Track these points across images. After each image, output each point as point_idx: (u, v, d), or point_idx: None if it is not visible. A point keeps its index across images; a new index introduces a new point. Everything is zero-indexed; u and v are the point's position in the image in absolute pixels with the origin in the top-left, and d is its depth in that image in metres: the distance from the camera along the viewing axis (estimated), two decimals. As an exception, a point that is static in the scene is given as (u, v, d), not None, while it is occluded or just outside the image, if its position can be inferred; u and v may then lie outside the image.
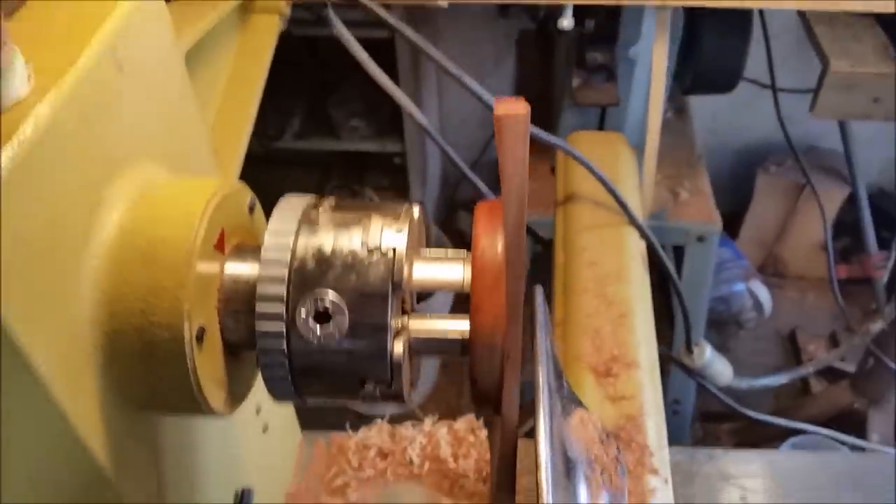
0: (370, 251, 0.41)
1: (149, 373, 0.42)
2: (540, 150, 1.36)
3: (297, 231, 0.42)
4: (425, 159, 1.92)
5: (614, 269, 0.88)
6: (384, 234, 0.41)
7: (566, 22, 0.84)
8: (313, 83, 1.84)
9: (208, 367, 0.43)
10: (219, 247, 0.43)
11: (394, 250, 0.41)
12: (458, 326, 0.43)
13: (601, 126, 1.15)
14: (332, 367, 0.41)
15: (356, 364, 0.41)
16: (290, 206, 0.43)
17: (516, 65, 1.56)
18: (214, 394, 0.44)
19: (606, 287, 0.86)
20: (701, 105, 1.59)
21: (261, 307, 0.41)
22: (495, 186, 0.47)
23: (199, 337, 0.41)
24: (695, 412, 1.72)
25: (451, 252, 0.45)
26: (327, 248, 0.41)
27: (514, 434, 0.39)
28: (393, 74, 1.69)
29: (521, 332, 0.39)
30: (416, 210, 0.45)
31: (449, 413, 0.88)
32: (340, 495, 0.79)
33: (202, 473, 0.57)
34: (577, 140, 1.02)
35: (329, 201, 0.44)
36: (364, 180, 1.97)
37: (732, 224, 2.09)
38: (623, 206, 0.91)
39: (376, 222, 0.42)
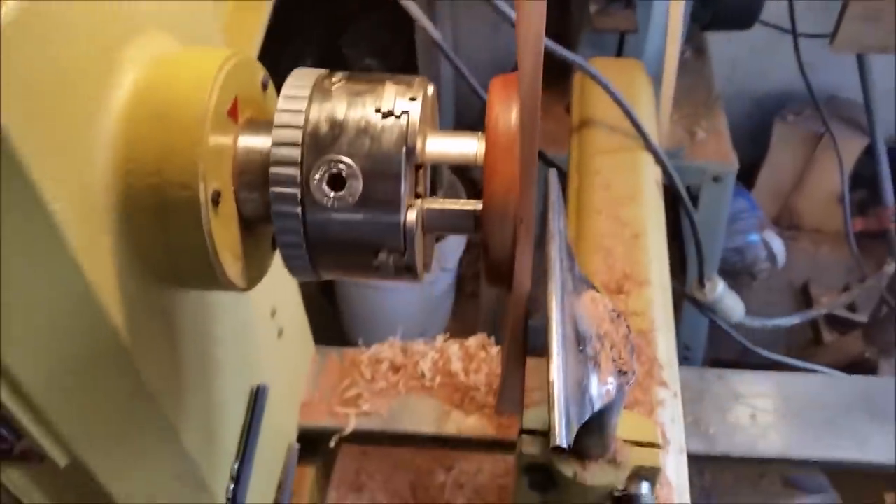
0: (384, 116, 0.40)
1: (164, 237, 0.42)
2: (555, 91, 1.35)
3: (310, 97, 0.42)
4: (440, 100, 1.90)
5: (628, 191, 0.87)
6: (397, 101, 0.41)
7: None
8: (326, 22, 1.83)
9: (224, 234, 0.43)
10: (232, 114, 0.43)
11: (407, 114, 0.40)
12: (472, 204, 0.43)
13: (619, 56, 1.13)
14: (347, 234, 0.41)
15: (370, 231, 0.41)
16: (303, 76, 0.43)
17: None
18: (230, 263, 0.44)
19: (620, 209, 0.86)
20: (720, 51, 1.57)
21: (275, 171, 0.41)
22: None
23: (215, 200, 0.42)
24: (705, 358, 1.72)
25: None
26: (340, 114, 0.41)
27: (525, 302, 0.39)
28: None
29: (534, 198, 0.39)
30: (430, 86, 0.45)
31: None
32: (353, 405, 0.80)
33: (218, 363, 0.58)
34: (595, 65, 1.01)
35: (341, 73, 0.44)
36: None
37: (748, 175, 2.07)
38: (638, 128, 0.90)
39: (389, 90, 0.42)
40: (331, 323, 1.88)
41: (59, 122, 0.37)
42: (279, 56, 1.79)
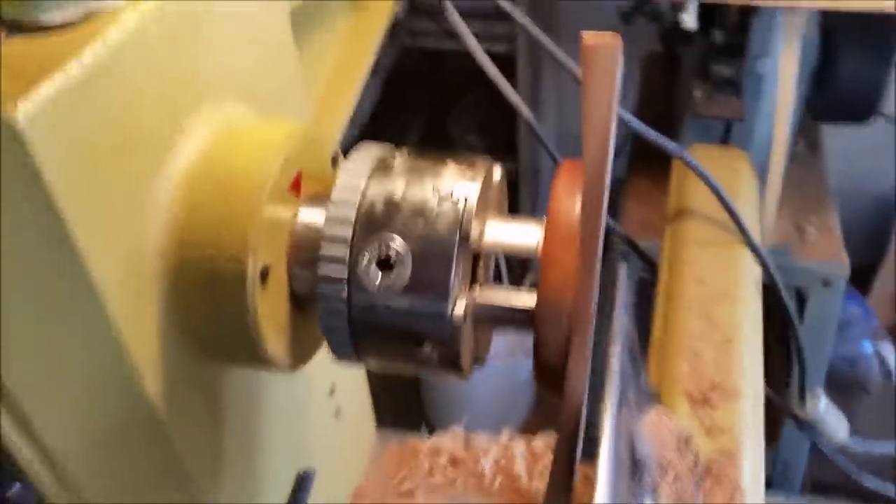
0: (441, 199, 0.38)
1: (210, 309, 0.41)
2: (656, 176, 1.30)
3: (369, 175, 0.40)
4: (538, 179, 1.89)
5: (723, 288, 0.81)
6: (457, 184, 0.38)
7: (688, 18, 0.79)
8: (434, 97, 1.86)
9: (270, 310, 0.41)
10: (294, 188, 0.42)
11: (465, 199, 0.38)
12: (527, 297, 0.39)
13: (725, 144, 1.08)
14: (391, 320, 0.39)
15: (415, 320, 0.38)
16: (367, 151, 0.41)
17: (639, 88, 1.51)
18: (275, 342, 0.42)
19: (713, 307, 0.80)
20: (836, 144, 1.49)
21: (324, 249, 0.39)
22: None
23: (264, 276, 0.40)
24: (805, 481, 1.58)
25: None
26: (398, 194, 0.39)
27: (577, 417, 0.35)
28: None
29: (593, 299, 0.35)
30: (496, 169, 0.42)
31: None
32: (407, 498, 0.76)
33: (264, 442, 0.56)
34: (695, 153, 0.96)
35: (406, 151, 0.42)
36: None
37: (863, 279, 1.93)
38: (738, 222, 0.85)
39: (450, 171, 0.39)
40: (414, 402, 1.85)
41: (114, 186, 0.36)
42: (385, 131, 1.83)
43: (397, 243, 0.38)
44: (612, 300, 0.40)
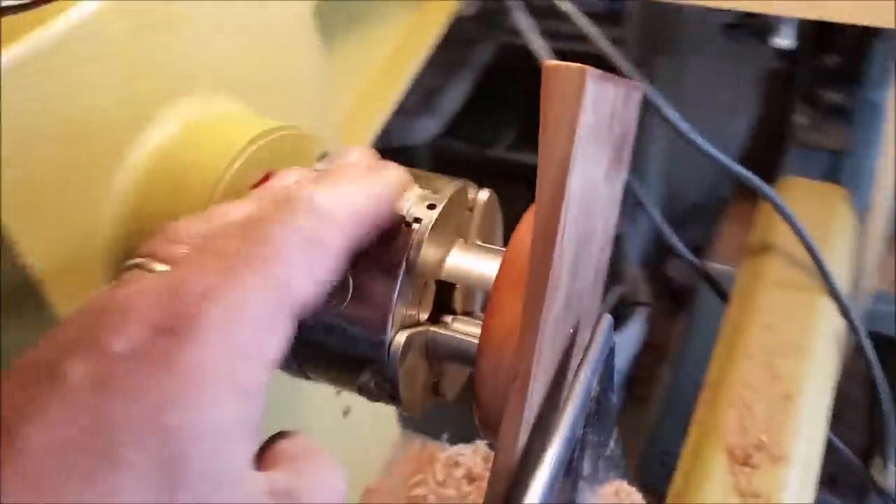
0: (395, 222, 0.35)
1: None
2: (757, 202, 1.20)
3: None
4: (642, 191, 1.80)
5: (793, 339, 0.73)
6: (413, 207, 0.35)
7: (782, 40, 0.70)
8: (533, 98, 1.80)
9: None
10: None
11: (419, 223, 0.34)
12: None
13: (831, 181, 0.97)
14: (330, 342, 0.36)
15: (355, 347, 0.35)
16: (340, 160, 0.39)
17: (755, 108, 1.40)
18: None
19: (777, 358, 0.72)
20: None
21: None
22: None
23: (209, 278, 0.38)
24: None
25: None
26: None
27: (507, 481, 0.31)
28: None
29: (538, 351, 0.30)
30: (482, 194, 0.38)
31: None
32: (418, 501, 0.73)
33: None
34: (788, 186, 0.87)
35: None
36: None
37: None
38: (822, 269, 0.76)
39: (414, 194, 0.36)
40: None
41: (59, 172, 0.35)
42: (477, 127, 1.79)
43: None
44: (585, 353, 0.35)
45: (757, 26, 0.83)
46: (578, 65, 0.28)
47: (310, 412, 0.61)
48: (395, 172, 0.34)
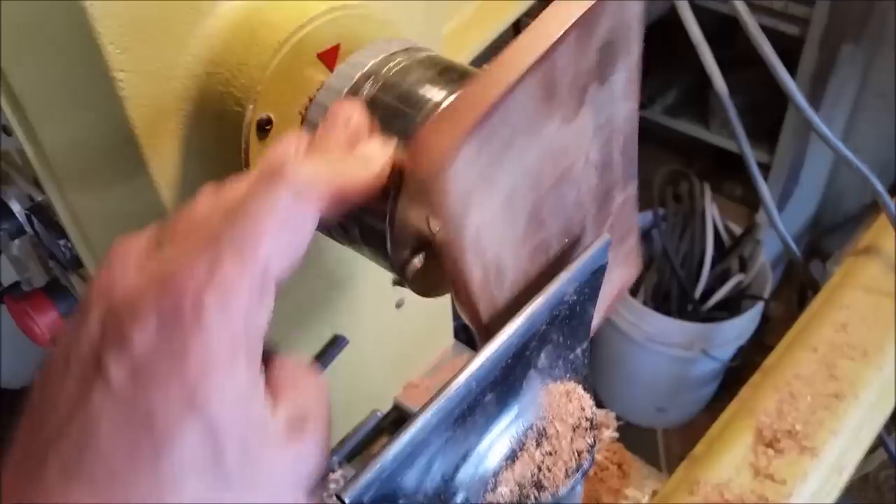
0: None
1: (218, 145, 0.44)
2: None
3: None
4: (793, 184, 1.70)
5: (863, 343, 0.70)
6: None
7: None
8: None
9: (267, 161, 0.44)
10: (324, 57, 0.44)
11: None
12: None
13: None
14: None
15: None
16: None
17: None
18: (271, 193, 0.45)
19: (841, 359, 0.69)
20: None
21: (312, 112, 0.41)
22: None
23: (262, 126, 0.43)
24: None
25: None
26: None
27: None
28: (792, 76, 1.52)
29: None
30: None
31: None
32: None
33: (302, 303, 0.60)
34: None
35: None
36: (717, 183, 1.81)
37: None
38: (920, 281, 0.71)
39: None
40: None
41: (156, 11, 0.40)
42: (645, 80, 1.75)
43: None
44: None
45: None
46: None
47: (364, 302, 0.66)
48: (373, 149, 0.35)
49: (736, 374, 1.69)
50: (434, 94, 0.39)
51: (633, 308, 1.56)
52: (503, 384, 0.35)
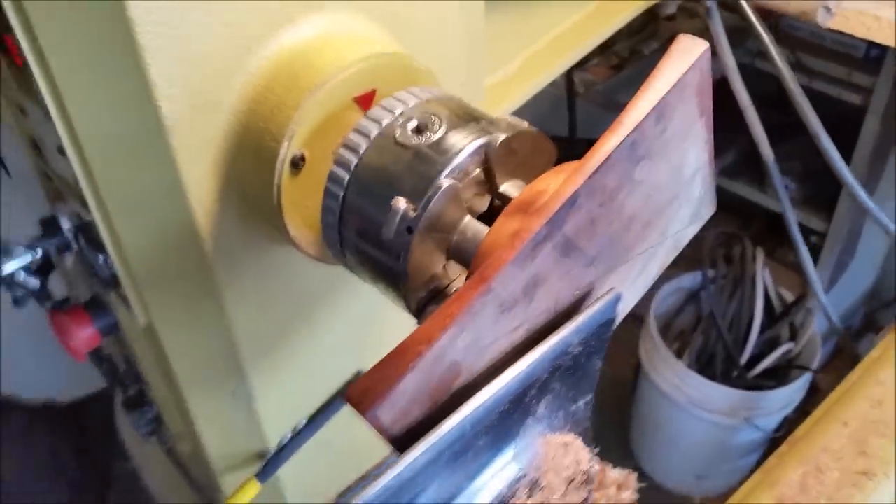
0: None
1: (255, 178, 0.46)
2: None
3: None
4: (849, 254, 1.66)
5: (899, 422, 0.68)
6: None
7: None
8: (771, 125, 1.72)
9: (298, 197, 0.46)
10: (360, 101, 0.46)
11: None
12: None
13: None
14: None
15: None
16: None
17: None
18: (299, 229, 0.47)
19: (874, 436, 0.67)
20: None
21: (342, 151, 0.43)
22: None
23: (296, 162, 0.45)
24: None
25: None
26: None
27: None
28: (850, 147, 1.49)
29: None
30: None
31: None
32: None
33: (326, 341, 0.61)
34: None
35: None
36: (771, 248, 1.78)
37: None
38: (963, 363, 0.69)
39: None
40: (622, 437, 1.82)
41: (205, 48, 0.43)
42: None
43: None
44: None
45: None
46: (703, 44, 0.33)
47: (380, 324, 0.66)
48: None
49: (780, 446, 1.63)
50: (456, 141, 0.40)
51: (676, 370, 1.53)
52: (499, 429, 0.35)
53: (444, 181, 0.39)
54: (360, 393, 0.32)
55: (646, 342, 1.60)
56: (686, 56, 0.37)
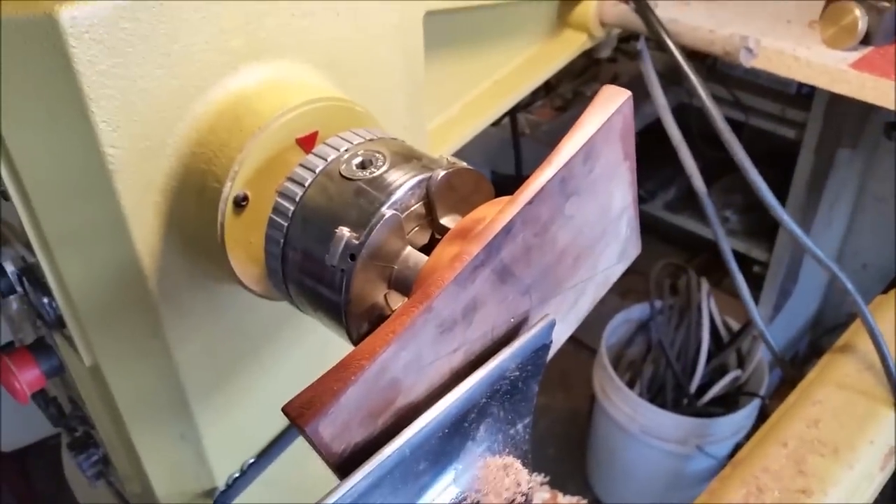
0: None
1: (198, 218, 0.47)
2: None
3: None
4: (792, 282, 1.72)
5: (834, 442, 0.70)
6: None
7: None
8: (707, 160, 1.78)
9: (241, 234, 0.47)
10: (302, 143, 0.47)
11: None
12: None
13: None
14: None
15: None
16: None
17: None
18: (244, 265, 0.48)
19: (811, 455, 0.70)
20: None
21: (287, 184, 0.44)
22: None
23: (238, 202, 0.46)
24: None
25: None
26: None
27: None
28: (786, 181, 1.55)
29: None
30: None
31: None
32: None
33: (278, 376, 0.62)
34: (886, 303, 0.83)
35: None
36: (718, 279, 1.83)
37: None
38: (892, 382, 0.72)
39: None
40: (578, 467, 1.83)
41: (148, 92, 0.44)
42: (648, 172, 1.79)
43: None
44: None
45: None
46: (626, 93, 0.35)
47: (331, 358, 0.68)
48: None
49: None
50: (398, 177, 0.42)
51: (628, 399, 1.56)
52: (439, 453, 0.36)
53: (387, 211, 0.41)
54: (300, 405, 0.32)
55: (599, 373, 1.63)
56: (610, 103, 0.39)
